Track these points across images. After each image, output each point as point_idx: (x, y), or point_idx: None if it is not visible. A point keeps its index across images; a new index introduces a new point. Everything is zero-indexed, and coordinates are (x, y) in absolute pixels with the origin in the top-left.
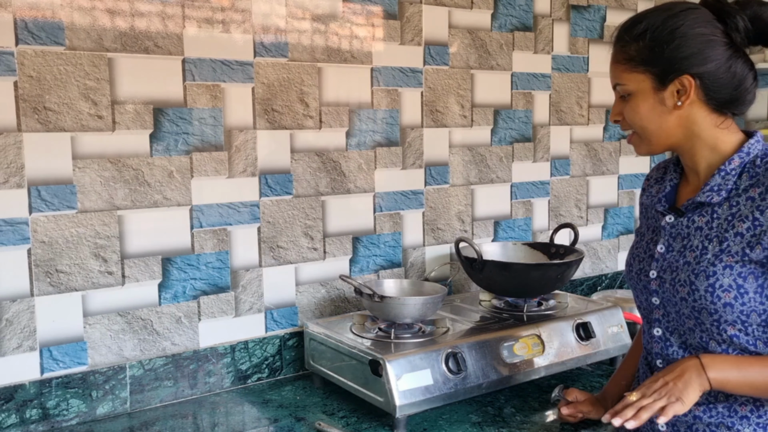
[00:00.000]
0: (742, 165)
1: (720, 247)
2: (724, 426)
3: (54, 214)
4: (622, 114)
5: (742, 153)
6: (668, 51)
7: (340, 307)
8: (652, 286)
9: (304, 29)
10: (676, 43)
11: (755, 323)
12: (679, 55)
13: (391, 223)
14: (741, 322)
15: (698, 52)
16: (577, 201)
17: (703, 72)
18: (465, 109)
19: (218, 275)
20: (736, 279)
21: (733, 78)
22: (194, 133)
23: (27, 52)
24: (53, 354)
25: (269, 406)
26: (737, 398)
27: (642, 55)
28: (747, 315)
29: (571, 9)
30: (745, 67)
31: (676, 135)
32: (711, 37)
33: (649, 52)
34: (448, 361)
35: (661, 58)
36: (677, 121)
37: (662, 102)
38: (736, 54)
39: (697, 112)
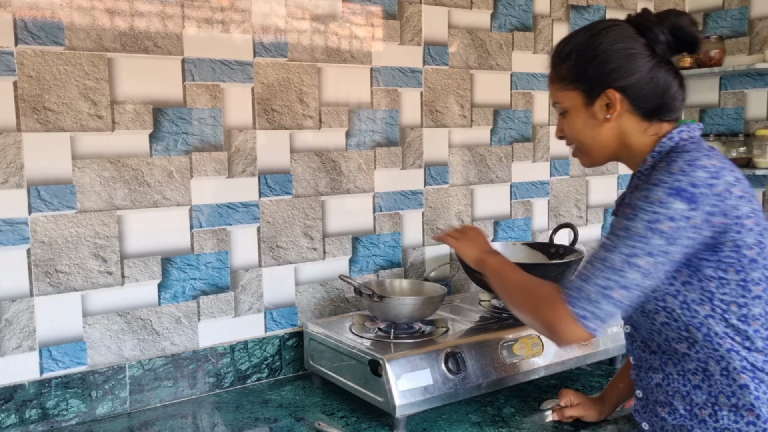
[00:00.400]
0: (653, 164)
1: None
2: (686, 429)
3: (53, 214)
4: (564, 130)
5: (654, 152)
6: (592, 68)
7: (339, 307)
8: None
9: (303, 29)
10: (599, 59)
11: (675, 306)
12: (602, 70)
13: (391, 223)
14: (662, 308)
15: (620, 67)
16: (576, 201)
17: (626, 85)
18: (464, 109)
19: (218, 275)
20: None
21: (656, 87)
22: (194, 133)
23: (26, 52)
24: (53, 354)
25: (269, 406)
26: (697, 403)
27: (571, 73)
28: (663, 300)
29: (571, 9)
30: (669, 76)
31: (611, 146)
32: (631, 51)
33: (577, 70)
34: (447, 361)
35: (587, 75)
36: (610, 133)
37: (593, 116)
38: (658, 64)
39: (626, 122)
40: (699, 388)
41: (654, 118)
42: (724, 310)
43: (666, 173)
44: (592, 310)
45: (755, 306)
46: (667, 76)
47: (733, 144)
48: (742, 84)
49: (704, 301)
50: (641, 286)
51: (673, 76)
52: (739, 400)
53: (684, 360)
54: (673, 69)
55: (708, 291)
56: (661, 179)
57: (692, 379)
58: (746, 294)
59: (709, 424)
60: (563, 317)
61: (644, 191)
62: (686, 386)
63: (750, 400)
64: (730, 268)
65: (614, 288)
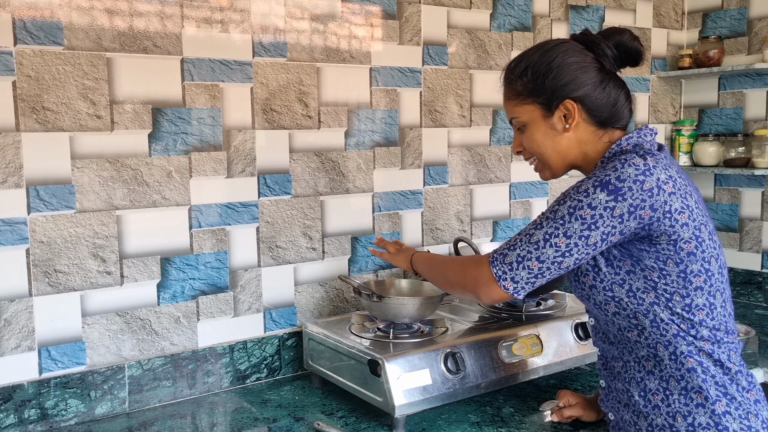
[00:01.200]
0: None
1: None
2: (642, 415)
3: (52, 214)
4: (522, 145)
5: (603, 157)
6: (549, 81)
7: (338, 307)
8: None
9: (302, 29)
10: (554, 73)
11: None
12: (558, 83)
13: (390, 223)
14: (611, 298)
15: (574, 78)
16: None
17: (582, 95)
18: (464, 109)
19: (217, 275)
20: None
21: (608, 97)
22: (193, 133)
23: (25, 51)
24: (52, 354)
25: (268, 406)
26: (650, 389)
27: (527, 88)
28: (611, 290)
29: (570, 9)
30: (617, 88)
31: (570, 155)
32: (583, 64)
33: (533, 84)
34: (446, 361)
35: (544, 88)
36: (568, 143)
37: (553, 127)
38: (607, 77)
39: (583, 131)
40: (651, 374)
41: (607, 126)
42: (668, 299)
43: (600, 170)
44: (509, 273)
45: (698, 297)
46: (616, 89)
47: (732, 144)
48: (741, 84)
49: (648, 289)
50: (556, 262)
51: (620, 88)
52: (688, 383)
53: (636, 347)
54: (620, 81)
55: (651, 280)
56: (594, 173)
57: (646, 365)
58: (687, 285)
59: (662, 409)
60: (484, 274)
61: (577, 184)
62: (641, 372)
63: (698, 383)
64: (669, 260)
65: (531, 259)
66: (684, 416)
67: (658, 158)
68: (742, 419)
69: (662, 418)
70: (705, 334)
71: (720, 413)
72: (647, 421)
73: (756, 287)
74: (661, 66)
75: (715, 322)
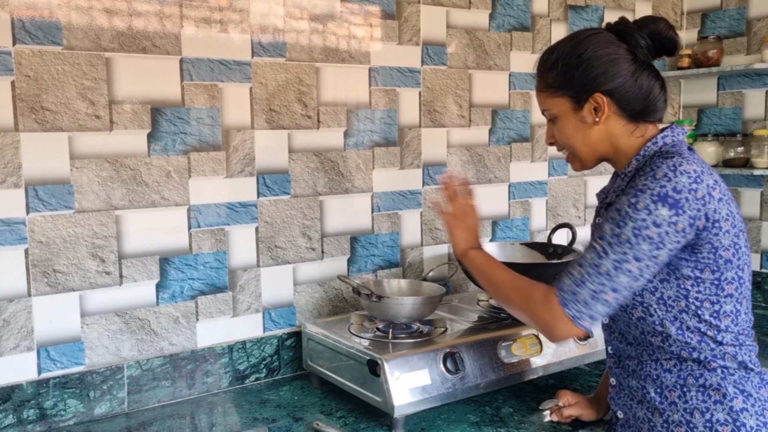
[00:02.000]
0: (638, 166)
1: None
2: (658, 412)
3: (51, 214)
4: (554, 136)
5: (639, 155)
6: (579, 74)
7: (338, 307)
8: None
9: (302, 29)
10: (584, 66)
11: (652, 302)
12: (588, 76)
13: (389, 223)
14: (639, 303)
15: (605, 71)
16: (574, 201)
17: (612, 88)
18: (463, 109)
19: (216, 275)
20: None
21: (641, 90)
22: (192, 133)
23: (24, 51)
24: (51, 354)
25: (267, 406)
26: (667, 385)
27: (558, 81)
28: (641, 295)
29: (569, 9)
30: (651, 78)
31: (600, 148)
32: (614, 56)
33: (564, 77)
34: (446, 361)
35: (574, 81)
36: (599, 136)
37: (583, 120)
38: (640, 68)
39: (614, 124)
40: (669, 371)
41: (639, 120)
42: (698, 307)
43: (651, 179)
44: (585, 311)
45: (726, 303)
46: (650, 79)
47: (731, 144)
48: (740, 84)
49: (680, 297)
50: (630, 288)
51: (655, 78)
52: (707, 380)
53: (658, 351)
54: (655, 72)
55: (684, 288)
56: (647, 185)
57: (664, 364)
58: (719, 292)
59: (679, 406)
60: (559, 317)
61: (631, 197)
62: (657, 370)
63: (717, 380)
64: (706, 268)
65: (606, 291)
66: (702, 412)
67: (701, 161)
68: (758, 415)
69: (679, 414)
70: (729, 339)
71: (738, 410)
72: (663, 417)
73: (755, 287)
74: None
75: (739, 327)
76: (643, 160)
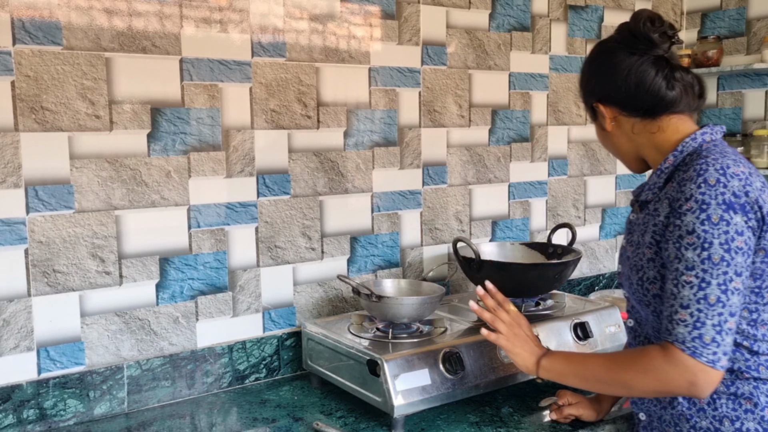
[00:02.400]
0: (675, 163)
1: (643, 240)
2: (684, 418)
3: (51, 214)
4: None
5: (676, 151)
6: (582, 90)
7: (338, 307)
8: (620, 279)
9: (301, 29)
10: (584, 80)
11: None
12: (585, 91)
13: (389, 223)
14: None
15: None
16: (574, 201)
17: (604, 95)
18: (463, 109)
19: (216, 275)
20: (660, 270)
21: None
22: (192, 133)
23: (24, 51)
24: (50, 354)
25: (267, 406)
26: None
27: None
28: None
29: (569, 9)
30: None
31: (629, 150)
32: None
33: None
34: (445, 361)
35: (583, 97)
36: (620, 139)
37: (603, 128)
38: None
39: (632, 126)
40: None
41: (655, 115)
42: None
43: (705, 186)
44: (719, 349)
45: (765, 312)
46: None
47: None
48: (739, 84)
49: None
50: (741, 306)
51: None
52: (738, 389)
53: None
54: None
55: None
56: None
57: None
58: (759, 300)
59: (708, 413)
60: (697, 370)
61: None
62: None
63: (749, 390)
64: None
65: (727, 320)
66: (732, 421)
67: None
68: None
69: (707, 421)
70: (764, 348)
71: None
72: (690, 423)
73: None
74: None
75: None
76: (681, 157)
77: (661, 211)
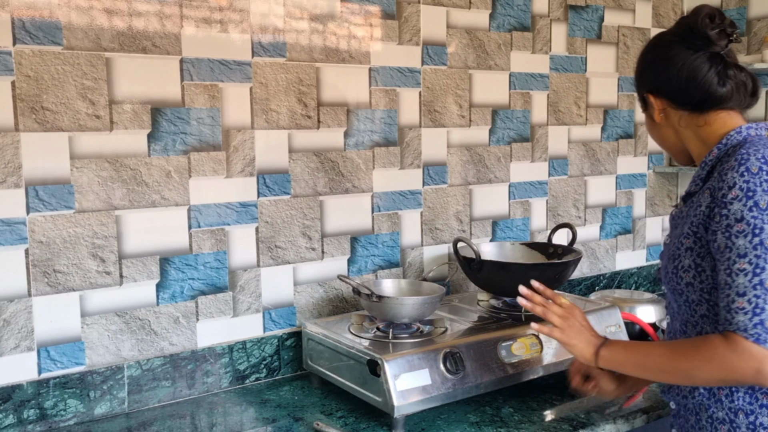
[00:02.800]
0: (719, 155)
1: (684, 230)
2: (704, 407)
3: (51, 214)
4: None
5: (720, 144)
6: (636, 79)
7: (338, 307)
8: (660, 274)
9: (302, 29)
10: (638, 71)
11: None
12: (639, 80)
13: (390, 223)
14: (705, 300)
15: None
16: (575, 201)
17: (656, 86)
18: (463, 109)
19: (216, 275)
20: (695, 259)
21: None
22: (192, 133)
23: (24, 51)
24: (51, 354)
25: (267, 406)
26: None
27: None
28: (709, 293)
29: (569, 9)
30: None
31: (675, 143)
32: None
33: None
34: (446, 361)
35: (636, 87)
36: (668, 131)
37: (652, 119)
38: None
39: (678, 119)
40: None
41: (706, 109)
42: None
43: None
44: None
45: None
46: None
47: None
48: None
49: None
50: None
51: (707, 62)
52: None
53: None
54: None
55: None
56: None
57: None
58: None
59: (725, 404)
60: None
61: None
62: None
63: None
64: None
65: None
66: (746, 414)
67: None
68: None
69: (723, 412)
70: None
71: None
72: (707, 413)
73: None
74: None
75: None
76: (725, 149)
77: (703, 201)
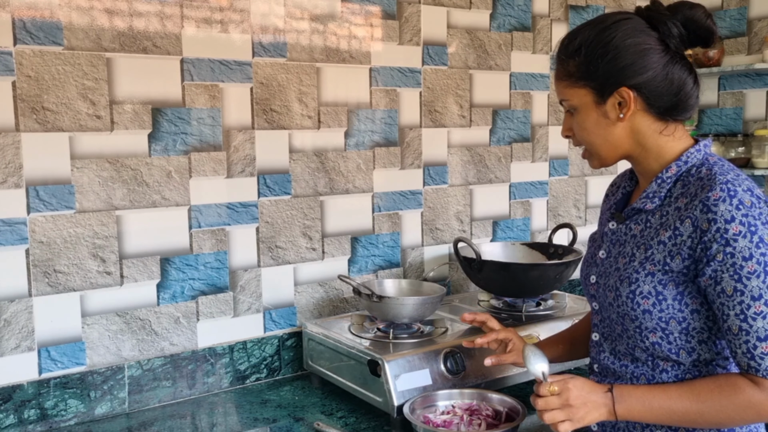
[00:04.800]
0: (678, 174)
1: (645, 254)
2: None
3: (52, 214)
4: (572, 129)
5: (680, 161)
6: (603, 65)
7: (338, 307)
8: (591, 290)
9: (302, 29)
10: (610, 56)
11: (675, 331)
12: (614, 67)
13: (390, 223)
14: (661, 329)
15: (632, 63)
16: (575, 201)
17: (640, 82)
18: (463, 109)
19: (217, 275)
20: (656, 286)
21: (671, 85)
22: (193, 133)
23: (25, 52)
24: (51, 354)
25: (268, 406)
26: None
27: (580, 70)
28: (666, 322)
29: (570, 9)
30: (684, 72)
31: (623, 146)
32: (644, 46)
33: (586, 67)
34: (446, 361)
35: (598, 72)
36: (623, 132)
37: (605, 115)
38: (672, 60)
39: (640, 121)
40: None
41: (669, 118)
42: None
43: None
44: None
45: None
46: (682, 73)
47: (732, 144)
48: (741, 84)
49: (704, 330)
50: None
51: (688, 72)
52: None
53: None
54: (687, 65)
55: (711, 321)
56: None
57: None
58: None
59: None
60: None
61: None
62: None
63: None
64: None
65: None
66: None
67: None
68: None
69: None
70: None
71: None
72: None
73: None
74: None
75: None
76: (686, 168)
77: (683, 231)
